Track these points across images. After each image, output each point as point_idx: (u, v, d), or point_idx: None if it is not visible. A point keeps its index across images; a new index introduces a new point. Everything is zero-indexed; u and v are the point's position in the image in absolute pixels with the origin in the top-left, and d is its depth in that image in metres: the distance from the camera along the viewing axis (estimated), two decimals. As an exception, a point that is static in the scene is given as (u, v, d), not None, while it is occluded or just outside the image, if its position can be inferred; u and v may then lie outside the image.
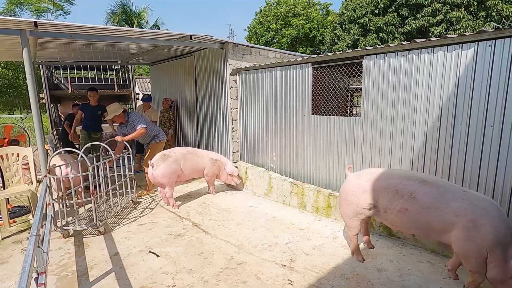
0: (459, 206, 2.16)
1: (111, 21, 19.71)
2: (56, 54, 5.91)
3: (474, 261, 2.14)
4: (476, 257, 2.11)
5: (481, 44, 2.55)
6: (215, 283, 2.56)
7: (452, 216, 2.17)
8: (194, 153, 4.66)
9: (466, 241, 2.12)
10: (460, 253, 2.21)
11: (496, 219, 2.07)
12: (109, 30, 4.05)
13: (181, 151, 4.52)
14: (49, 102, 7.50)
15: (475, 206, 2.13)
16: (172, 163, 4.29)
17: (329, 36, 18.09)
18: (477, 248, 2.09)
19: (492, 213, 2.08)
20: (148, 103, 6.19)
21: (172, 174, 4.27)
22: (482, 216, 2.08)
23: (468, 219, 2.11)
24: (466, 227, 2.11)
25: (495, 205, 2.15)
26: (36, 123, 3.42)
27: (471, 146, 2.70)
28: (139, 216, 4.05)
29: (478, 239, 2.07)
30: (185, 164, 4.45)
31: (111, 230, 3.62)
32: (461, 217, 2.14)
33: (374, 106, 3.36)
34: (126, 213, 4.17)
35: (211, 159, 4.75)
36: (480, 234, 2.07)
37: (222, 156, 5.01)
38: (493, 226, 2.05)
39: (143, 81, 16.34)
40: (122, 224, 3.81)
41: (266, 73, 4.67)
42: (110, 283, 2.59)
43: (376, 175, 2.61)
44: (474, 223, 2.09)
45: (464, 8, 12.99)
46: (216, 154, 4.94)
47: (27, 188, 3.87)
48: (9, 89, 16.76)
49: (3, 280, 2.66)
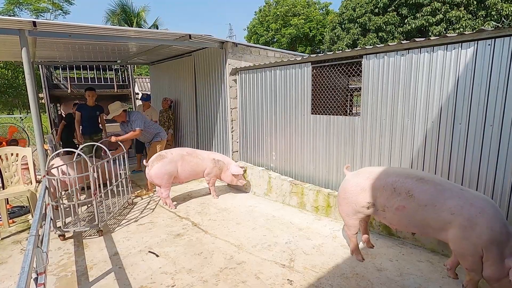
0: (456, 205, 2.17)
1: (110, 21, 19.69)
2: (56, 54, 5.90)
3: (470, 259, 2.14)
4: (472, 255, 2.12)
5: (480, 43, 2.55)
6: (214, 283, 2.56)
7: (448, 214, 2.18)
8: (193, 154, 4.52)
9: (462, 239, 2.13)
10: (456, 252, 2.22)
11: (492, 218, 2.06)
12: (109, 30, 4.04)
13: (178, 152, 4.41)
14: (48, 102, 7.48)
15: (471, 205, 2.13)
16: (167, 164, 4.21)
17: (328, 35, 18.08)
18: (473, 246, 2.09)
19: (488, 212, 2.08)
20: (148, 103, 6.24)
21: (165, 175, 4.19)
22: (478, 215, 2.08)
23: (464, 218, 2.12)
24: (462, 225, 2.12)
25: (492, 204, 2.15)
26: (35, 123, 3.42)
27: (470, 145, 2.70)
28: (138, 216, 4.05)
29: (474, 238, 2.07)
30: (183, 165, 4.34)
31: (110, 231, 3.61)
32: (457, 215, 2.15)
33: (373, 105, 3.36)
34: (125, 213, 4.17)
35: (212, 159, 4.60)
36: (475, 232, 2.07)
37: (225, 157, 4.86)
38: (488, 225, 2.05)
39: (142, 81, 16.33)
40: (122, 224, 3.80)
41: (265, 72, 4.67)
42: (110, 283, 2.58)
43: (374, 174, 2.61)
44: (470, 221, 2.09)
45: (463, 7, 12.98)
46: (218, 155, 4.80)
47: (27, 188, 3.87)
48: (8, 89, 16.74)
49: (3, 280, 2.66)
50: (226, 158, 4.80)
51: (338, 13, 18.06)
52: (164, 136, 5.10)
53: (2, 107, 17.86)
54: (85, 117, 5.19)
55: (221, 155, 4.86)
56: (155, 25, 20.51)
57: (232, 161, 4.85)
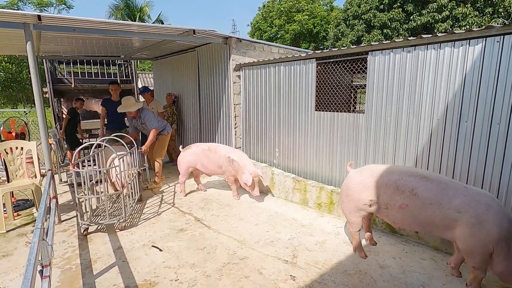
0: (462, 202, 2.16)
1: (114, 15, 19.66)
2: (59, 49, 5.90)
3: (479, 257, 2.14)
4: (481, 253, 2.11)
5: (489, 40, 2.51)
6: (217, 277, 2.57)
7: (455, 213, 2.17)
8: (213, 149, 4.45)
9: (470, 237, 2.12)
10: (464, 249, 2.20)
11: (499, 214, 2.07)
12: (113, 24, 4.03)
13: (202, 147, 4.58)
14: (52, 97, 7.51)
15: (477, 202, 2.12)
16: (188, 155, 4.55)
17: (332, 32, 17.94)
18: (482, 243, 2.09)
19: (494, 208, 2.09)
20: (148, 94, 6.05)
21: (183, 163, 4.55)
22: (485, 211, 2.08)
23: (471, 215, 2.11)
24: (470, 223, 2.11)
25: (496, 200, 2.16)
26: (39, 117, 3.43)
27: (476, 144, 2.67)
28: (141, 211, 4.07)
29: (484, 235, 2.07)
30: (202, 159, 4.49)
31: (113, 225, 3.63)
32: (464, 213, 2.14)
33: (378, 102, 3.34)
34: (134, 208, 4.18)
35: (227, 158, 4.29)
36: (485, 229, 2.07)
37: (243, 157, 4.32)
38: (497, 221, 2.05)
39: (145, 76, 16.32)
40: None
41: (269, 68, 4.65)
42: (114, 276, 2.61)
43: (377, 171, 2.61)
44: (478, 219, 2.09)
45: (470, 4, 12.81)
46: (237, 154, 4.35)
47: (31, 181, 3.89)
48: (12, 84, 16.80)
49: (8, 272, 2.69)
50: (243, 160, 4.28)
51: (342, 9, 17.90)
52: (169, 129, 5.12)
53: (6, 101, 17.95)
54: (110, 113, 5.07)
55: (240, 154, 4.38)
56: (159, 20, 20.44)
57: (248, 165, 4.21)
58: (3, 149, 3.94)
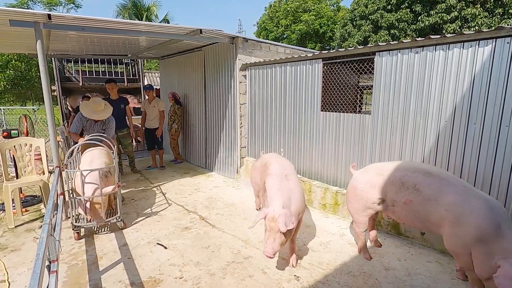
0: (452, 201, 2.14)
1: (121, 15, 19.84)
2: (68, 47, 5.97)
3: (461, 257, 2.14)
4: (462, 253, 2.11)
5: (499, 41, 2.48)
6: (221, 276, 2.59)
7: (443, 210, 2.17)
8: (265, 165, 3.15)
9: (451, 236, 2.14)
10: (448, 249, 2.22)
11: (481, 218, 2.00)
12: (121, 24, 4.07)
13: (260, 161, 3.50)
14: (60, 95, 7.60)
15: (466, 203, 2.09)
16: (254, 168, 3.68)
17: (339, 32, 17.86)
18: (461, 243, 2.08)
19: (478, 212, 2.02)
20: (151, 92, 6.01)
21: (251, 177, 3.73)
22: (468, 213, 2.05)
23: (454, 215, 2.11)
24: (451, 222, 2.12)
25: (489, 205, 2.04)
26: (48, 115, 3.48)
27: (485, 146, 2.64)
28: (147, 209, 4.10)
29: (461, 235, 2.07)
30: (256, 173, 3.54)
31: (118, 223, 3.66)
32: (449, 211, 2.14)
33: (385, 103, 3.31)
34: (135, 205, 4.23)
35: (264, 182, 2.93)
36: (461, 230, 2.06)
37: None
38: (476, 224, 2.01)
39: (152, 75, 16.43)
40: (130, 216, 3.86)
41: (275, 68, 4.64)
42: (119, 273, 2.63)
43: (383, 169, 2.61)
44: (458, 219, 2.09)
45: (480, 4, 12.63)
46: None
47: (39, 178, 3.95)
48: (21, 81, 17.05)
49: (16, 266, 2.74)
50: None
51: (349, 9, 17.81)
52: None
53: (15, 99, 18.24)
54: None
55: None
56: (165, 19, 20.58)
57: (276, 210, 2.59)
58: (13, 146, 4.01)
